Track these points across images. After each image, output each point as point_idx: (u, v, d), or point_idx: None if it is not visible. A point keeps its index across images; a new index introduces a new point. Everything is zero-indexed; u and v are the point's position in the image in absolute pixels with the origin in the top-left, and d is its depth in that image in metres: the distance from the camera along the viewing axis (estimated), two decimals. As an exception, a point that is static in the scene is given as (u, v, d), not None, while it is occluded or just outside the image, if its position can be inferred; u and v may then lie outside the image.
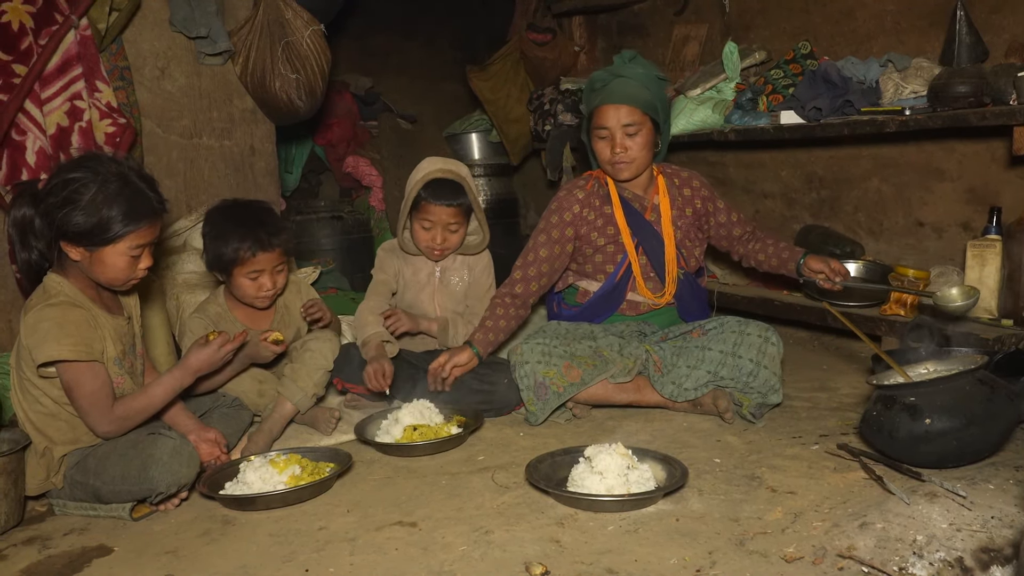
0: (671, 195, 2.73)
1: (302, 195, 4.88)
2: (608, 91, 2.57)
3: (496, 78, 4.90)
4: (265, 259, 2.45)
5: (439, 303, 2.84)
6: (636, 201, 2.71)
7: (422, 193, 2.68)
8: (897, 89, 2.96)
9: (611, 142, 2.58)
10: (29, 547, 1.93)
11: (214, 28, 3.21)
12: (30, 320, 1.98)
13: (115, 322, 2.10)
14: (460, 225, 2.74)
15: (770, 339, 2.46)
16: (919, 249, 3.37)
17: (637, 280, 2.69)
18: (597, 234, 2.68)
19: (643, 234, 2.68)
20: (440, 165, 2.72)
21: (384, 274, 2.84)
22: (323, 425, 2.57)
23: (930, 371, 2.10)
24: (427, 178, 2.68)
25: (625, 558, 1.64)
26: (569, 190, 2.74)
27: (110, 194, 1.95)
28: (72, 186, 1.93)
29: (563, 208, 2.70)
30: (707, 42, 4.18)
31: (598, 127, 2.60)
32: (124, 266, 2.02)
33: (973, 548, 1.52)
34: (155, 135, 3.22)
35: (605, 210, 2.69)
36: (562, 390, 2.49)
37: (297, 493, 2.06)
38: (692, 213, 2.76)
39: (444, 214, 2.68)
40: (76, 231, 1.94)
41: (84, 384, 1.98)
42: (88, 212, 1.92)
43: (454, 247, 2.79)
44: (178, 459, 1.99)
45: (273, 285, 2.50)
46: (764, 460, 2.14)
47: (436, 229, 2.70)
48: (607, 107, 2.57)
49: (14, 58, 2.62)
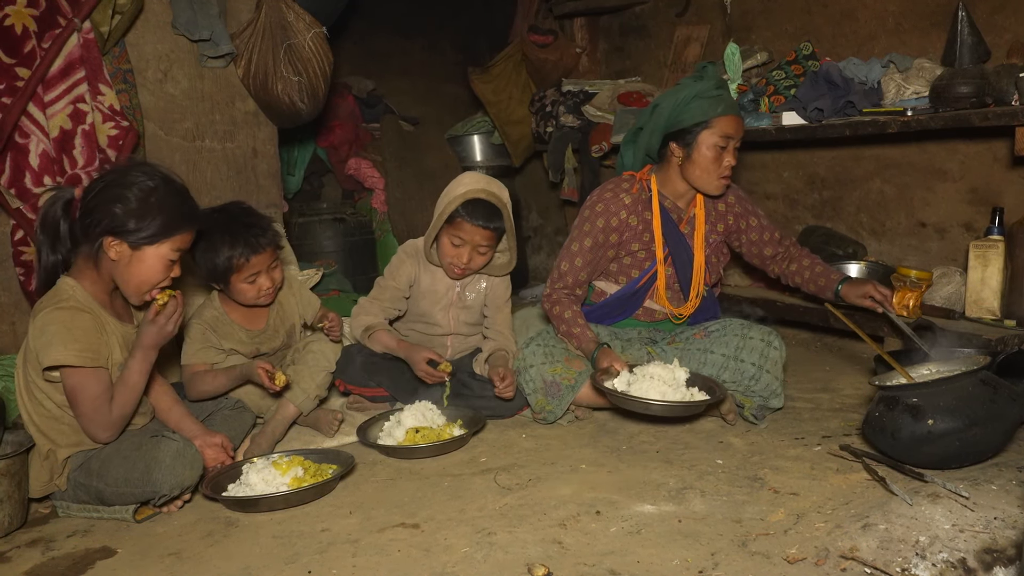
0: (707, 209, 2.68)
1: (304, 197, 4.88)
2: (729, 101, 2.51)
3: (498, 80, 4.90)
4: (259, 261, 2.44)
5: (453, 317, 2.78)
6: (674, 212, 2.66)
7: (460, 210, 2.56)
8: (899, 90, 2.96)
9: (728, 154, 2.51)
10: (33, 549, 1.93)
11: (216, 31, 3.22)
12: (38, 322, 1.98)
13: (124, 329, 2.10)
14: (490, 248, 2.65)
15: (773, 343, 2.46)
16: (921, 250, 3.37)
17: (659, 290, 2.66)
18: (635, 241, 2.64)
19: (675, 246, 2.64)
20: (483, 185, 2.61)
21: (395, 282, 2.75)
22: (326, 427, 2.57)
23: (933, 372, 2.10)
24: (468, 196, 2.56)
25: (627, 559, 1.64)
26: (615, 193, 2.64)
27: (165, 195, 2.01)
28: (130, 181, 1.98)
29: (610, 212, 2.61)
30: (709, 43, 4.18)
31: (723, 136, 2.49)
32: (160, 269, 2.03)
33: (976, 549, 1.52)
34: (158, 138, 3.23)
35: (646, 216, 2.63)
36: (573, 382, 2.51)
37: (300, 495, 2.06)
38: (724, 229, 2.72)
39: (478, 235, 2.58)
40: (125, 226, 1.96)
41: (87, 389, 1.98)
42: (143, 207, 1.97)
43: (477, 268, 2.70)
44: (181, 461, 2.00)
45: (272, 283, 2.50)
46: (766, 461, 2.13)
47: (465, 248, 2.60)
48: (732, 117, 2.50)
49: (17, 61, 2.62)
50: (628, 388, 2.32)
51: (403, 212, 4.54)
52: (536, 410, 2.56)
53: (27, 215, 2.70)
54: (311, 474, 2.16)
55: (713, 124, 2.50)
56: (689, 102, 2.52)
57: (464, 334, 2.82)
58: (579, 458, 2.26)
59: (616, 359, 2.44)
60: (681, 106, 2.54)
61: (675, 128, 2.55)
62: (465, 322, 2.79)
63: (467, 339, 2.84)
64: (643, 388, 2.29)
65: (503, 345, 2.71)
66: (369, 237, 4.69)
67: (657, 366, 2.34)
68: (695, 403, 2.27)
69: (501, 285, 2.79)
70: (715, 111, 2.49)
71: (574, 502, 1.95)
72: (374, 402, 2.78)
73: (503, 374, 2.54)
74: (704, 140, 2.50)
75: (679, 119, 2.54)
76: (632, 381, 2.33)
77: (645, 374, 2.32)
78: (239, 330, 2.56)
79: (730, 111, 2.51)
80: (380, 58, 5.52)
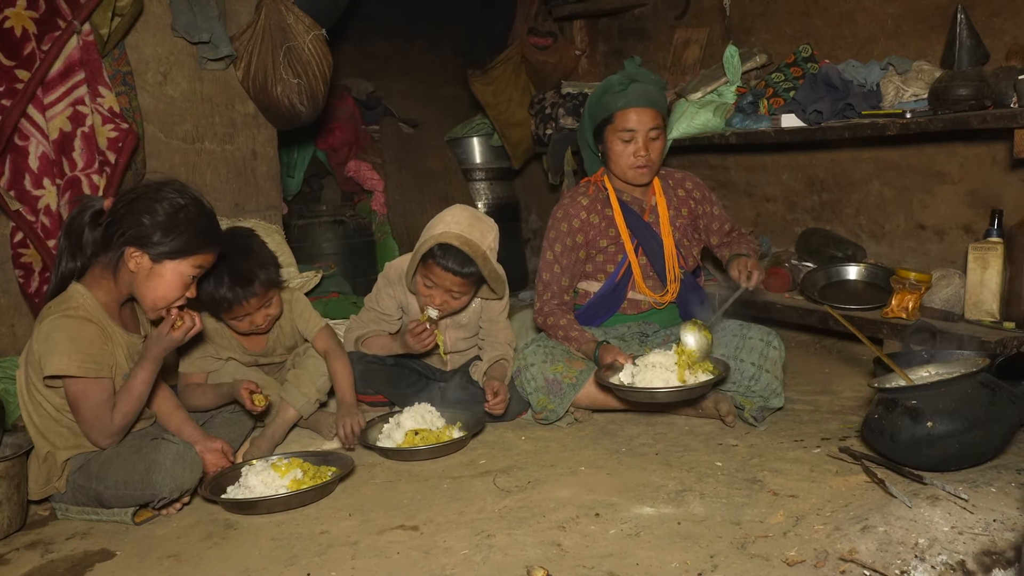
0: (667, 196, 2.74)
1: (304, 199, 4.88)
2: (631, 95, 2.56)
3: (497, 82, 4.90)
4: (250, 305, 2.39)
5: (449, 337, 2.73)
6: (635, 204, 2.71)
7: (434, 250, 2.45)
8: (898, 92, 2.96)
9: (635, 145, 2.57)
10: (32, 551, 1.93)
11: (216, 33, 3.22)
12: (44, 327, 1.98)
13: (130, 339, 2.10)
14: (465, 293, 2.54)
15: (772, 343, 2.46)
16: (921, 252, 3.37)
17: (637, 279, 2.70)
18: (602, 237, 2.69)
19: (642, 235, 2.69)
20: (462, 230, 2.45)
21: (378, 306, 2.71)
22: (325, 430, 2.57)
23: (932, 374, 2.10)
24: (442, 239, 2.43)
25: (627, 561, 1.64)
26: (572, 197, 2.73)
27: (193, 214, 2.03)
28: (162, 196, 2.00)
29: (570, 215, 2.68)
30: (708, 46, 4.18)
31: (623, 129, 2.57)
32: (178, 286, 2.04)
33: (975, 551, 1.52)
34: (157, 140, 3.23)
35: (607, 212, 2.70)
36: (574, 380, 2.52)
37: (299, 497, 2.06)
38: (688, 213, 2.77)
39: (448, 280, 2.46)
40: (150, 238, 1.97)
41: (89, 398, 1.98)
42: (171, 222, 1.99)
43: (455, 310, 2.60)
44: (181, 464, 2.00)
45: (265, 320, 2.46)
46: (766, 463, 2.13)
47: (437, 291, 2.50)
48: (633, 110, 2.55)
49: (17, 63, 2.63)
50: (632, 380, 2.35)
51: (403, 214, 4.54)
52: (537, 410, 2.56)
53: (26, 217, 2.70)
54: (310, 476, 2.16)
55: (615, 118, 2.59)
56: (600, 98, 2.64)
57: (462, 350, 2.81)
58: (578, 460, 2.26)
59: (619, 353, 2.47)
60: (594, 104, 2.67)
61: (594, 126, 2.67)
62: (462, 339, 2.77)
63: (466, 353, 2.83)
64: (647, 378, 2.32)
65: (503, 354, 2.67)
66: (369, 239, 4.69)
67: (657, 354, 2.37)
68: (699, 385, 2.29)
69: (497, 302, 2.70)
70: (615, 105, 2.57)
71: (573, 504, 1.95)
72: (374, 407, 2.78)
73: (496, 388, 2.52)
74: (609, 135, 2.62)
75: (593, 115, 2.68)
76: (636, 373, 2.36)
77: (647, 364, 2.35)
78: (237, 347, 2.56)
79: (632, 104, 2.55)
80: (380, 60, 5.53)
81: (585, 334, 2.61)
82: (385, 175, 4.67)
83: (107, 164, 2.83)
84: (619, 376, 2.40)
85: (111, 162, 2.84)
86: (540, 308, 2.71)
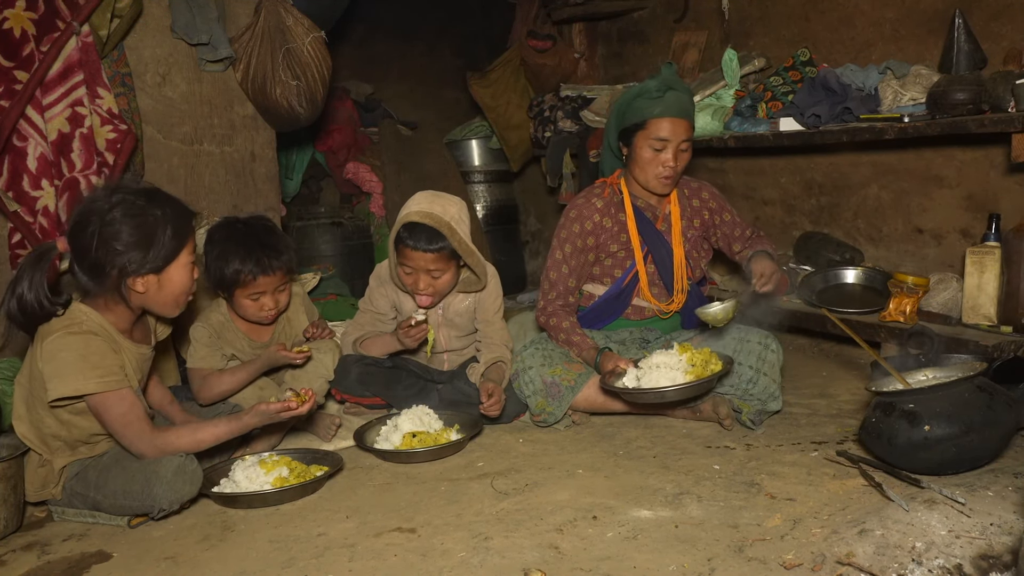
0: (682, 206, 2.72)
1: (303, 201, 4.89)
2: (668, 103, 2.52)
3: (496, 85, 4.91)
4: (266, 282, 2.44)
5: (443, 336, 2.74)
6: (648, 210, 2.69)
7: (401, 234, 2.50)
8: (896, 96, 2.97)
9: (665, 155, 2.54)
10: (28, 553, 1.93)
11: (215, 35, 3.22)
12: (49, 347, 1.94)
13: (138, 350, 2.09)
14: (444, 271, 2.54)
15: (770, 346, 2.47)
16: (918, 256, 3.37)
17: (643, 287, 2.69)
18: (612, 241, 2.68)
19: (653, 243, 2.67)
20: (424, 207, 2.50)
21: (373, 306, 2.73)
22: (323, 431, 2.57)
23: (929, 378, 2.10)
24: (407, 219, 2.48)
25: (624, 564, 1.64)
26: (587, 199, 2.70)
27: (155, 209, 1.97)
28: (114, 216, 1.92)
29: (583, 216, 2.66)
30: (707, 49, 4.19)
31: (655, 138, 2.53)
32: (188, 275, 2.04)
33: (972, 555, 1.52)
34: (156, 141, 3.23)
35: (620, 217, 2.68)
36: (573, 383, 2.52)
37: (279, 495, 2.08)
38: (700, 224, 2.76)
39: (422, 259, 2.49)
40: (139, 260, 1.94)
41: (112, 409, 1.96)
42: (144, 233, 1.94)
43: (444, 291, 2.61)
44: (182, 477, 1.97)
45: (275, 305, 2.50)
46: (763, 467, 2.13)
47: (417, 274, 2.52)
48: (668, 120, 2.52)
49: (16, 64, 2.63)
50: (638, 383, 2.35)
51: (401, 216, 4.54)
52: (535, 412, 2.56)
53: (24, 218, 2.70)
54: (296, 475, 2.18)
55: (648, 125, 2.55)
56: (632, 102, 2.60)
57: (458, 348, 2.81)
58: (576, 463, 2.26)
59: (620, 359, 2.47)
60: (625, 106, 2.63)
61: (622, 127, 2.63)
62: (456, 337, 2.77)
63: (463, 352, 2.83)
64: (652, 379, 2.33)
65: (500, 355, 2.66)
66: (367, 241, 4.69)
67: (660, 354, 2.37)
68: (706, 379, 2.29)
69: (488, 298, 2.70)
70: (651, 112, 2.54)
71: (571, 507, 1.95)
72: (371, 410, 2.78)
73: (491, 390, 2.50)
74: (639, 141, 2.58)
75: (623, 119, 2.63)
76: (640, 375, 2.37)
77: (651, 365, 2.35)
78: (243, 339, 2.57)
79: (667, 114, 2.52)
80: (379, 62, 5.53)
81: (586, 340, 2.61)
82: (384, 177, 4.67)
83: (106, 165, 2.83)
84: (623, 380, 2.40)
85: (110, 163, 2.84)
86: (544, 307, 2.71)
